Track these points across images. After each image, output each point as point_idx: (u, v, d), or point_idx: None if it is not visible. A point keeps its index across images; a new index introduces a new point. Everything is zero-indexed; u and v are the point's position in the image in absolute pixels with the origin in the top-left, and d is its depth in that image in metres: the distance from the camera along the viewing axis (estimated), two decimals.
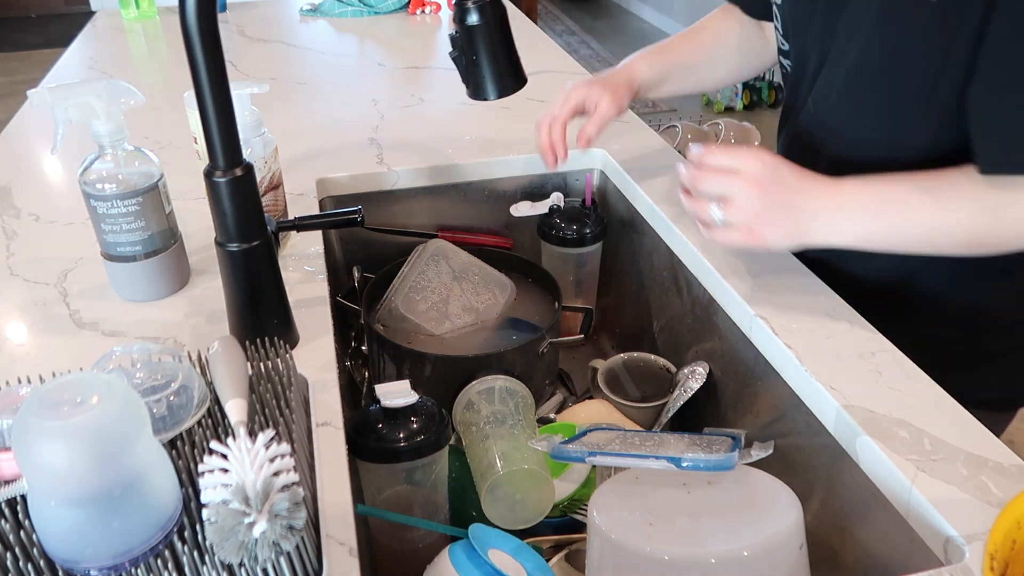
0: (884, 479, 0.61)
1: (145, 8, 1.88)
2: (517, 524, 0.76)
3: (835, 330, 0.75)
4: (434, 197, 1.13)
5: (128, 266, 0.79)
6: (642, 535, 0.61)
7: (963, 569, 0.53)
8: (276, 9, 1.97)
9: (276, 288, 0.72)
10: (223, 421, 0.59)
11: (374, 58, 1.60)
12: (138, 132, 1.22)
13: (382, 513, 0.74)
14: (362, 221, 0.77)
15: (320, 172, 1.09)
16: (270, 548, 0.44)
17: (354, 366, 1.04)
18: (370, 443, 0.72)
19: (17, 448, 0.45)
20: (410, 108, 1.32)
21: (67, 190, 1.07)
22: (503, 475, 0.74)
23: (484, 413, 0.82)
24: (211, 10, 0.59)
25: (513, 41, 0.77)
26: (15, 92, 4.29)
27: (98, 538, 0.46)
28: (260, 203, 0.69)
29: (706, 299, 0.87)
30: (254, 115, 0.84)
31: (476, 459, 0.78)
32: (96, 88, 0.71)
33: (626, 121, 1.24)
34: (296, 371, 0.65)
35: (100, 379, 0.46)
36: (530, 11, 4.71)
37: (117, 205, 0.75)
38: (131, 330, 0.78)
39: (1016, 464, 0.60)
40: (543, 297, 1.03)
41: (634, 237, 1.07)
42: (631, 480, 0.70)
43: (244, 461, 0.45)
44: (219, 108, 0.62)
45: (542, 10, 5.80)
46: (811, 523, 0.63)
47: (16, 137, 1.25)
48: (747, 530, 0.60)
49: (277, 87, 1.43)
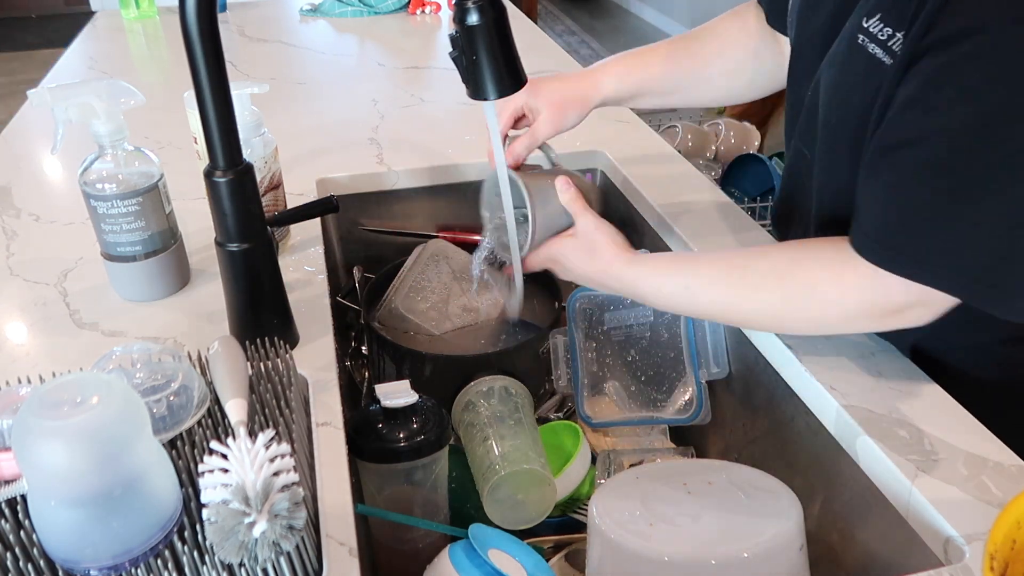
0: (884, 479, 0.61)
1: (145, 8, 1.88)
2: (519, 524, 0.76)
3: None
4: (434, 197, 1.13)
5: (128, 266, 0.79)
6: (642, 535, 0.61)
7: (963, 569, 0.53)
8: (276, 9, 1.97)
9: (276, 288, 0.72)
10: (223, 421, 0.59)
11: (374, 58, 1.60)
12: (138, 132, 1.22)
13: (382, 513, 0.74)
14: (337, 206, 0.76)
15: (320, 172, 1.09)
16: (270, 548, 0.44)
17: (354, 366, 1.04)
18: (370, 443, 0.72)
19: (17, 448, 0.45)
20: (410, 108, 1.32)
21: (67, 190, 1.07)
22: (504, 475, 0.74)
23: (484, 413, 0.82)
24: (211, 10, 0.59)
25: (513, 41, 0.77)
26: (15, 92, 4.29)
27: (98, 538, 0.46)
28: (260, 203, 0.69)
29: None
30: (254, 115, 0.84)
31: (477, 460, 0.78)
32: (96, 88, 0.71)
33: (626, 121, 1.25)
34: (296, 371, 0.65)
35: (100, 379, 0.46)
36: (530, 11, 4.71)
37: (117, 205, 0.75)
38: (131, 330, 0.78)
39: (1016, 464, 0.60)
40: (543, 297, 1.03)
41: (634, 237, 1.07)
42: (631, 480, 0.70)
43: (244, 461, 0.45)
44: (219, 108, 0.62)
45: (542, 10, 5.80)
46: (811, 523, 0.63)
47: (16, 137, 1.25)
48: (748, 531, 0.60)
49: (277, 87, 1.43)
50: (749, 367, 0.81)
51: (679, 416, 0.86)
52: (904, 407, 0.66)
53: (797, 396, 0.72)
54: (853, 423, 0.64)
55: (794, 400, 0.73)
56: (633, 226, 1.07)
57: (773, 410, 0.77)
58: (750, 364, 0.81)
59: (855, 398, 0.66)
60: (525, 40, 1.57)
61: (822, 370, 0.70)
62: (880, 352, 0.72)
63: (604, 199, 1.16)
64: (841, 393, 0.67)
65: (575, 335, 0.95)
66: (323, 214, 0.77)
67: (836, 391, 0.67)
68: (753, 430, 0.82)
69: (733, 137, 2.02)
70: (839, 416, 0.66)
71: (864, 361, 0.71)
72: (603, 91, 0.88)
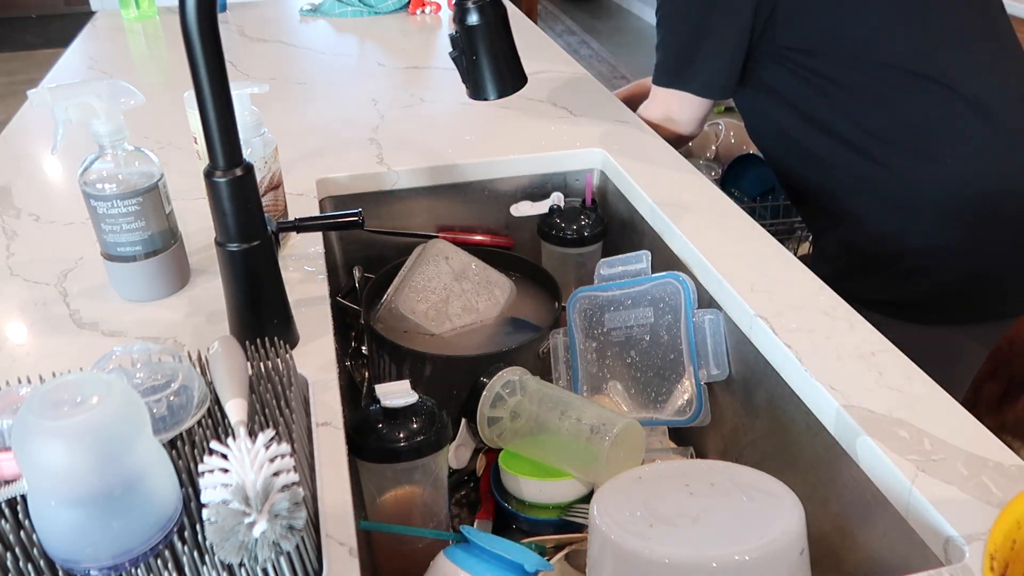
0: (884, 479, 0.61)
1: (145, 8, 1.88)
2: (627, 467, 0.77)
3: (835, 330, 0.75)
4: (434, 197, 1.13)
5: (128, 266, 0.79)
6: (642, 537, 0.61)
7: (963, 569, 0.53)
8: (276, 9, 1.97)
9: (276, 288, 0.72)
10: (223, 421, 0.59)
11: (374, 58, 1.60)
12: (138, 132, 1.22)
13: (385, 527, 0.74)
14: (362, 223, 0.77)
15: (320, 172, 1.09)
16: (270, 548, 0.44)
17: (354, 366, 1.04)
18: (370, 443, 0.72)
19: (17, 448, 0.45)
20: (410, 108, 1.32)
21: (67, 190, 1.07)
22: (627, 424, 0.77)
23: (528, 401, 0.82)
24: (211, 10, 0.59)
25: (513, 41, 0.77)
26: (15, 92, 4.29)
27: (98, 538, 0.46)
28: (260, 203, 0.69)
29: (706, 299, 0.87)
30: (254, 115, 0.84)
31: (566, 432, 0.78)
32: (96, 88, 0.71)
33: (626, 121, 1.25)
34: (296, 371, 0.65)
35: (100, 379, 0.46)
36: (530, 11, 4.71)
37: (117, 205, 0.75)
38: (131, 330, 0.78)
39: (1016, 464, 0.60)
40: (543, 297, 1.03)
41: (634, 237, 1.07)
42: (633, 480, 0.70)
43: (244, 461, 0.45)
44: (219, 108, 0.62)
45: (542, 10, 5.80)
46: (811, 523, 0.63)
47: (16, 137, 1.25)
48: (749, 534, 0.60)
49: (277, 87, 1.43)
50: (749, 367, 0.81)
51: (679, 417, 0.87)
52: (904, 407, 0.66)
53: (797, 396, 0.72)
54: (853, 423, 0.64)
55: (794, 400, 0.73)
56: (633, 226, 1.07)
57: (773, 410, 0.77)
58: (750, 364, 0.81)
59: (855, 398, 0.66)
60: (525, 40, 1.57)
61: (822, 370, 0.70)
62: (880, 352, 0.72)
63: (604, 199, 1.17)
64: (841, 393, 0.67)
65: (575, 335, 0.95)
66: (348, 228, 0.77)
67: (836, 391, 0.67)
68: (753, 430, 0.82)
69: (733, 137, 2.02)
70: (839, 416, 0.66)
71: (864, 361, 0.71)
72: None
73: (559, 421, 0.79)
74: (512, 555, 0.66)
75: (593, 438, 0.77)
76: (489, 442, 0.84)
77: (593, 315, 0.95)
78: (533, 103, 1.32)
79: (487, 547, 0.66)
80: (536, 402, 0.82)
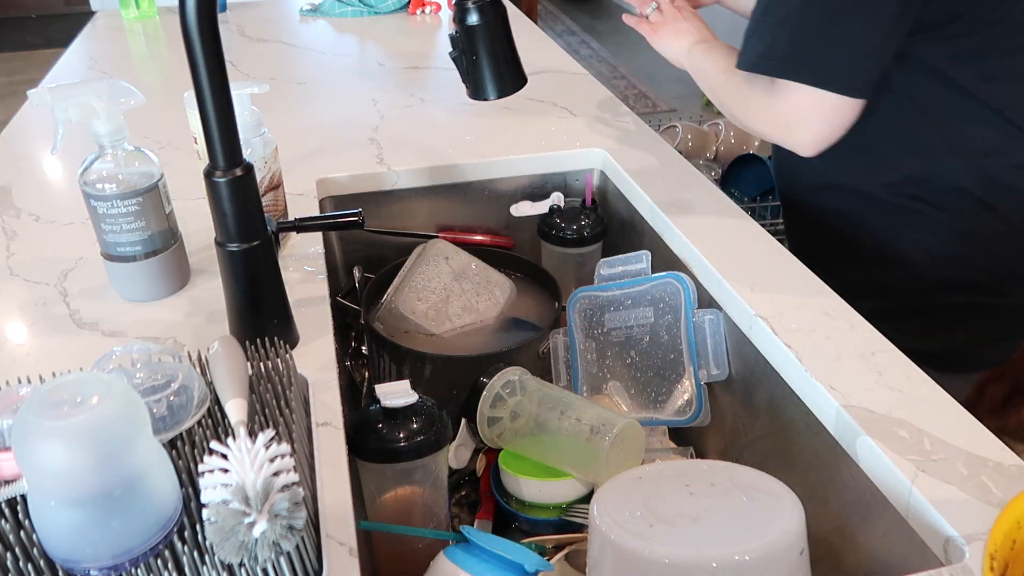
0: (884, 479, 0.61)
1: (145, 8, 1.88)
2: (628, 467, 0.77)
3: (835, 330, 0.75)
4: (434, 197, 1.13)
5: (128, 266, 0.79)
6: (643, 537, 0.61)
7: (963, 569, 0.53)
8: (276, 9, 1.97)
9: (276, 288, 0.72)
10: (223, 421, 0.59)
11: (374, 58, 1.60)
12: (138, 132, 1.22)
13: (385, 527, 0.74)
14: (362, 223, 0.77)
15: (320, 172, 1.09)
16: (270, 548, 0.44)
17: (354, 366, 1.04)
18: (370, 443, 0.72)
19: (17, 448, 0.45)
20: (410, 108, 1.32)
21: (67, 190, 1.07)
22: (627, 424, 0.77)
23: (528, 401, 0.82)
24: (211, 10, 0.59)
25: (513, 41, 0.77)
26: (15, 92, 4.29)
27: (98, 538, 0.46)
28: (260, 203, 0.69)
29: (706, 299, 0.87)
30: (254, 115, 0.84)
31: (565, 432, 0.78)
32: (96, 88, 0.71)
33: (626, 121, 1.25)
34: (296, 371, 0.65)
35: (100, 379, 0.46)
36: (530, 11, 4.71)
37: (117, 205, 0.75)
38: (131, 330, 0.78)
39: (1016, 464, 0.60)
40: (543, 297, 1.03)
41: (634, 237, 1.07)
42: (633, 480, 0.70)
43: (244, 461, 0.45)
44: (219, 108, 0.62)
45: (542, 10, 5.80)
46: (811, 523, 0.63)
47: (16, 137, 1.25)
48: (749, 534, 0.60)
49: (277, 87, 1.43)
50: (749, 367, 0.81)
51: (678, 417, 0.87)
52: (904, 407, 0.66)
53: (797, 396, 0.72)
54: (853, 423, 0.64)
55: (794, 400, 0.73)
56: (633, 226, 1.07)
57: (773, 410, 0.77)
58: (750, 364, 0.81)
59: (855, 398, 0.66)
60: (525, 40, 1.57)
61: (822, 370, 0.70)
62: (880, 352, 0.72)
63: (604, 199, 1.17)
64: (841, 393, 0.67)
65: (575, 335, 0.95)
66: (348, 228, 0.77)
67: (836, 391, 0.67)
68: (753, 430, 0.82)
69: (733, 137, 2.02)
70: (839, 416, 0.66)
71: (864, 361, 0.71)
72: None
73: (559, 421, 0.79)
74: (512, 555, 0.66)
75: (593, 438, 0.77)
76: (489, 442, 0.84)
77: (593, 315, 0.95)
78: (533, 103, 1.32)
79: (487, 547, 0.66)
80: (536, 402, 0.82)
